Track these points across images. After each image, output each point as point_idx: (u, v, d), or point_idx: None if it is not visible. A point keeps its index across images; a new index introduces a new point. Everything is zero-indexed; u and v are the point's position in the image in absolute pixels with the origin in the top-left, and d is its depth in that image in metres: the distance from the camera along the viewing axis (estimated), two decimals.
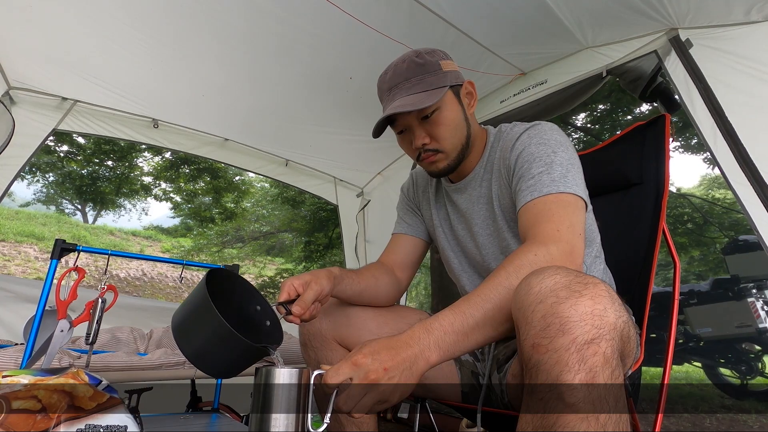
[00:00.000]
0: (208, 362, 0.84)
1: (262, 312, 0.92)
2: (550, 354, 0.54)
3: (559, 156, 0.85)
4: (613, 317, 0.56)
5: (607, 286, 0.59)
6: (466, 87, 0.99)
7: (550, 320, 0.55)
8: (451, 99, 0.95)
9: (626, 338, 0.63)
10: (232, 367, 0.85)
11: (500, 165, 0.96)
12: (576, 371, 0.53)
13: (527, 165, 0.87)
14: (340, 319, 1.00)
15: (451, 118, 0.94)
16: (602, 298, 0.56)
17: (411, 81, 0.92)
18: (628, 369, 0.80)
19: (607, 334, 0.54)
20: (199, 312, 0.81)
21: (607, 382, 0.53)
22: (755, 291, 3.60)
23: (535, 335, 0.57)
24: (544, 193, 0.82)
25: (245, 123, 2.70)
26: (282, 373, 0.68)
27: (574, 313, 0.54)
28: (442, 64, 0.95)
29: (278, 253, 10.85)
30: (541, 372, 0.55)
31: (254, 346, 0.79)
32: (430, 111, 0.92)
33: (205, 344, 0.82)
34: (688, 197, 8.40)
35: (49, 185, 14.59)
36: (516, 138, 0.93)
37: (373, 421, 0.99)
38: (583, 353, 0.53)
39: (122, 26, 1.86)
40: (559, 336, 0.54)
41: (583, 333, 0.53)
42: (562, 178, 0.83)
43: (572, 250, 0.75)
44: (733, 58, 1.48)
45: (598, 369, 0.53)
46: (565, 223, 0.78)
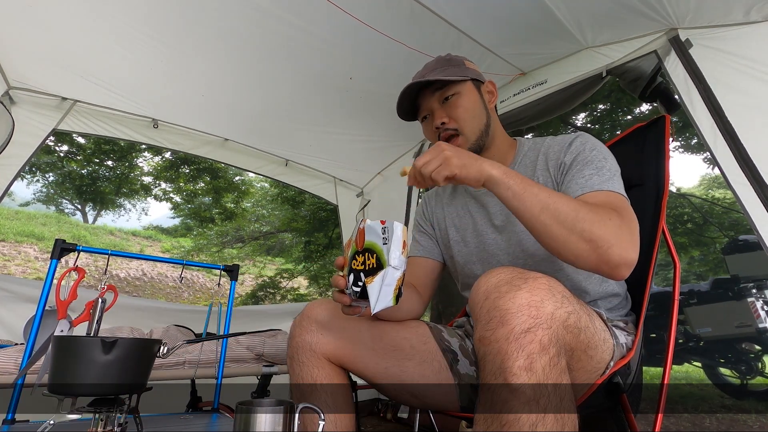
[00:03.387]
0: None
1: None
2: (493, 345, 0.59)
3: (608, 163, 0.93)
4: (550, 307, 0.60)
5: (549, 279, 0.64)
6: (487, 85, 1.09)
7: (493, 314, 0.60)
8: (471, 88, 1.04)
9: (575, 329, 0.67)
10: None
11: (545, 164, 1.00)
12: (515, 358, 0.57)
13: (581, 166, 0.93)
14: (333, 331, 0.94)
15: (469, 104, 1.02)
16: (540, 290, 0.61)
17: (436, 70, 1.03)
18: (608, 363, 0.81)
19: (544, 323, 0.59)
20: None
21: (545, 368, 0.57)
22: (755, 291, 3.60)
23: (481, 329, 0.61)
24: (605, 188, 0.87)
25: (245, 123, 2.70)
26: (263, 419, 0.65)
27: (512, 305, 0.59)
28: (466, 63, 1.08)
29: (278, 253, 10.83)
30: (487, 363, 0.59)
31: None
32: (449, 94, 1.02)
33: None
34: (688, 197, 8.40)
35: (49, 185, 14.58)
36: (570, 142, 0.99)
37: (351, 422, 0.95)
38: (520, 341, 0.57)
39: (122, 26, 1.86)
40: (500, 327, 0.59)
41: (520, 323, 0.58)
42: (617, 181, 0.91)
43: (631, 239, 0.77)
44: (732, 58, 1.48)
45: (535, 355, 0.57)
46: (631, 215, 0.82)
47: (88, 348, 0.83)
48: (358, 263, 0.73)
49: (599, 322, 0.81)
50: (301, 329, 0.95)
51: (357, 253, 0.74)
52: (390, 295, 0.69)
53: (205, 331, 1.89)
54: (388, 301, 0.69)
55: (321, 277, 9.08)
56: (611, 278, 0.76)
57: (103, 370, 0.83)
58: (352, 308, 0.78)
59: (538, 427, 0.55)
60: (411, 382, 0.93)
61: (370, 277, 0.70)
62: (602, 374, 0.82)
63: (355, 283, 0.74)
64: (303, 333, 0.94)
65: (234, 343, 1.77)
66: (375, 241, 0.70)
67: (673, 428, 2.94)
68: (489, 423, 0.58)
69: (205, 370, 1.63)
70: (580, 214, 0.72)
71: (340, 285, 0.77)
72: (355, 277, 0.74)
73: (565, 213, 0.72)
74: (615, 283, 1.00)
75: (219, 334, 1.62)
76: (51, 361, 0.84)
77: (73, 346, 0.84)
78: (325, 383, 0.92)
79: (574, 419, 0.59)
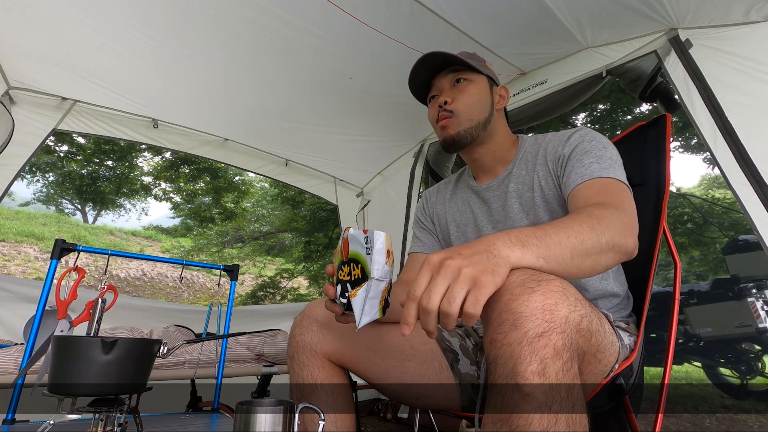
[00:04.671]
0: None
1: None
2: (505, 348, 0.57)
3: (608, 152, 0.93)
4: (564, 311, 0.58)
5: (562, 282, 0.61)
6: (500, 89, 1.10)
7: (505, 316, 0.58)
8: (484, 84, 1.06)
9: (587, 333, 0.66)
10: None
11: (544, 159, 1.01)
12: (528, 363, 0.55)
13: (580, 155, 0.93)
14: (333, 331, 0.94)
15: (477, 94, 1.03)
16: (554, 293, 0.58)
17: (460, 55, 1.05)
18: (613, 365, 0.81)
19: (558, 327, 0.57)
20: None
21: (558, 373, 0.55)
22: (755, 291, 3.60)
23: (492, 331, 0.59)
24: (604, 175, 0.87)
25: (245, 123, 2.70)
26: (263, 419, 0.64)
27: (526, 308, 0.57)
28: (487, 63, 1.11)
29: (278, 253, 10.83)
30: (498, 366, 0.58)
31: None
32: (462, 77, 1.04)
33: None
34: (688, 197, 8.40)
35: (49, 185, 14.57)
36: (569, 135, 0.99)
37: (351, 422, 0.95)
38: (534, 346, 0.55)
39: (122, 26, 1.86)
40: (512, 331, 0.57)
41: (533, 327, 0.56)
42: (618, 168, 0.91)
43: (634, 223, 0.78)
44: (732, 58, 1.48)
45: (549, 360, 0.55)
46: (626, 200, 0.83)
47: (88, 348, 0.83)
48: (344, 273, 0.72)
49: (607, 324, 0.81)
50: (302, 329, 0.95)
51: (343, 263, 0.73)
52: (375, 307, 0.68)
53: (205, 331, 1.89)
54: (374, 314, 0.68)
55: (321, 277, 9.08)
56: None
57: (103, 370, 0.82)
58: (344, 316, 0.78)
59: (550, 430, 0.54)
60: (411, 382, 0.93)
61: (356, 289, 0.68)
62: (606, 376, 0.82)
63: (342, 294, 0.73)
64: (303, 333, 0.94)
65: (234, 343, 1.77)
66: (359, 251, 0.69)
67: (673, 428, 2.94)
68: (498, 425, 0.57)
69: (205, 370, 1.63)
70: (596, 231, 0.69)
71: (330, 295, 0.76)
72: (342, 288, 0.73)
73: (589, 241, 0.67)
74: (613, 281, 1.00)
75: (219, 334, 1.62)
76: (51, 361, 0.84)
77: (73, 346, 0.84)
78: (325, 383, 0.92)
79: (585, 423, 0.57)
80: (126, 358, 0.85)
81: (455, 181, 1.21)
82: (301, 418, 0.71)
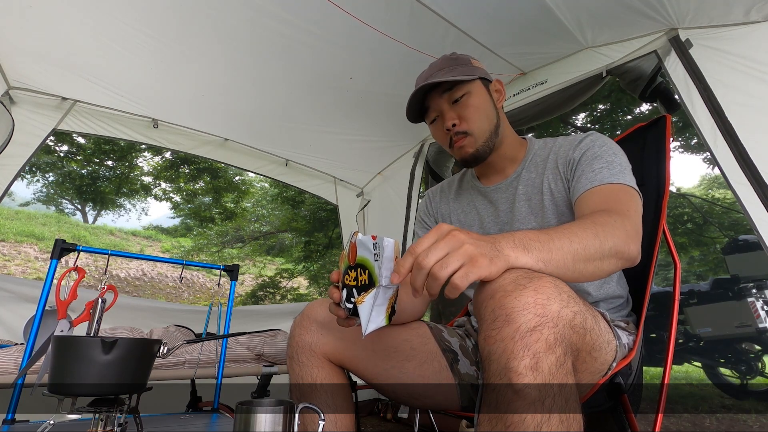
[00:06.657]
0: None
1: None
2: (498, 344, 0.58)
3: (618, 158, 0.94)
4: (556, 306, 0.59)
5: (554, 280, 0.62)
6: (495, 84, 1.09)
7: (498, 312, 0.59)
8: (480, 88, 1.03)
9: (581, 330, 0.66)
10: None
11: (555, 163, 1.01)
12: (521, 358, 0.55)
13: (590, 160, 0.93)
14: (333, 331, 0.93)
15: (479, 103, 1.01)
16: (545, 288, 0.59)
17: (443, 70, 1.01)
18: (610, 364, 0.81)
19: (550, 321, 0.58)
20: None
21: (551, 368, 0.56)
22: (755, 291, 3.60)
23: (486, 328, 0.60)
24: (614, 181, 0.88)
25: (245, 123, 2.70)
26: (263, 419, 0.64)
27: (518, 303, 0.58)
28: (472, 61, 1.07)
29: (278, 253, 10.82)
30: (492, 362, 0.58)
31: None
32: (459, 95, 1.01)
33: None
34: (688, 197, 8.39)
35: (49, 185, 14.57)
36: (580, 140, 0.99)
37: (351, 422, 0.95)
38: (526, 340, 0.56)
39: (122, 26, 1.85)
40: (505, 326, 0.57)
41: (525, 321, 0.57)
42: (627, 174, 0.92)
43: (638, 231, 0.80)
44: (733, 58, 1.48)
45: (541, 354, 0.56)
46: (632, 207, 0.84)
47: (88, 348, 0.83)
48: (350, 278, 0.71)
49: (603, 323, 0.81)
50: (301, 329, 0.95)
51: (349, 268, 0.72)
52: (382, 314, 0.68)
53: (205, 331, 1.89)
54: (380, 321, 0.68)
55: (321, 277, 9.08)
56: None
57: (103, 370, 0.83)
58: (347, 320, 0.77)
59: (543, 428, 0.54)
60: (411, 382, 0.93)
61: (362, 295, 0.68)
62: (604, 374, 0.82)
63: (347, 299, 0.72)
64: (303, 333, 0.94)
65: (234, 343, 1.77)
66: (367, 256, 0.68)
67: (673, 428, 2.94)
68: (493, 424, 0.57)
69: (205, 370, 1.63)
70: (600, 237, 0.71)
71: (335, 298, 0.76)
72: (348, 293, 0.72)
73: (592, 247, 0.69)
74: (616, 284, 1.00)
75: (219, 334, 1.62)
76: (51, 361, 0.84)
77: (73, 346, 0.84)
78: (325, 383, 0.92)
79: (579, 421, 0.58)
80: (126, 358, 0.85)
81: (458, 182, 1.21)
82: (301, 418, 0.71)
